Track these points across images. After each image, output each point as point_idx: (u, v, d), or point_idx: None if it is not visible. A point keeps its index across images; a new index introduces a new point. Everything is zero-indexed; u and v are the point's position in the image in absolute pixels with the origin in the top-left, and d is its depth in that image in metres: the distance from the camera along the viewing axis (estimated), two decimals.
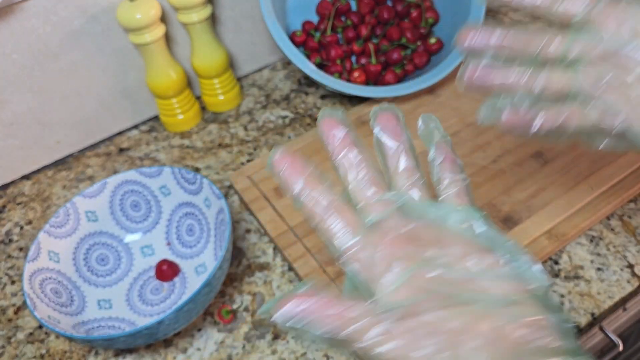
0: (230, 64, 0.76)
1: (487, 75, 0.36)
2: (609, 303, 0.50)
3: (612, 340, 0.60)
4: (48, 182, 0.71)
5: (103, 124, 0.74)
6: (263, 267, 0.57)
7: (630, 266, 0.52)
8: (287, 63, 0.84)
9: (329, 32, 0.74)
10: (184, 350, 0.51)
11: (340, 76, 0.72)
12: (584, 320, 0.49)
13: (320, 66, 0.74)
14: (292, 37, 0.74)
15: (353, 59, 0.75)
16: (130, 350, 0.52)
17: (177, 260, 0.58)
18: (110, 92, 0.73)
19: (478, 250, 0.28)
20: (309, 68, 0.65)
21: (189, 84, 0.75)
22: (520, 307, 0.26)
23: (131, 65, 0.72)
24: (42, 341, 0.54)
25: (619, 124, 0.34)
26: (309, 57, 0.74)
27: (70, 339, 0.45)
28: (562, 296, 0.51)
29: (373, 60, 0.72)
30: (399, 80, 0.72)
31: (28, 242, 0.64)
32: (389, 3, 0.76)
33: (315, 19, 0.78)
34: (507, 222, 0.55)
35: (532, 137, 0.37)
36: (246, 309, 0.54)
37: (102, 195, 0.57)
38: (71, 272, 0.54)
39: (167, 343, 0.52)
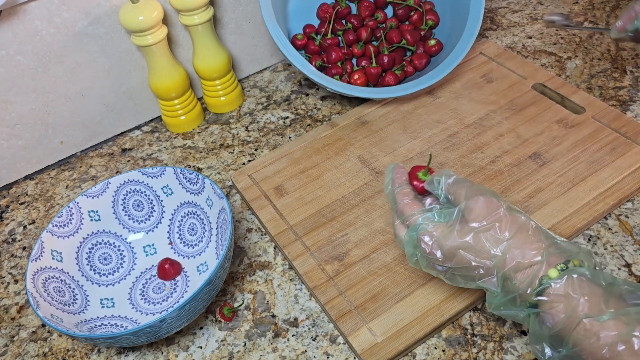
0: (232, 66, 0.77)
1: None
2: None
3: None
4: (51, 182, 0.71)
5: (106, 124, 0.75)
6: (264, 265, 0.58)
7: (628, 265, 0.53)
8: (288, 65, 0.85)
9: (329, 35, 0.75)
10: (186, 348, 0.52)
11: (340, 78, 0.73)
12: None
13: (321, 68, 0.74)
14: (293, 41, 0.75)
15: (354, 61, 0.76)
16: (132, 349, 0.53)
17: (179, 259, 0.58)
18: (113, 94, 0.73)
19: None
20: (310, 70, 0.66)
21: (191, 85, 0.75)
22: None
23: (134, 67, 0.72)
24: (45, 339, 0.55)
25: None
26: (310, 60, 0.75)
27: (73, 337, 0.45)
28: None
29: (373, 62, 0.73)
30: (399, 81, 0.73)
31: (31, 241, 0.64)
32: (389, 6, 0.77)
33: (316, 22, 0.78)
34: None
35: None
36: (247, 307, 0.54)
37: (105, 195, 0.58)
38: (74, 271, 0.55)
39: (169, 341, 0.53)
